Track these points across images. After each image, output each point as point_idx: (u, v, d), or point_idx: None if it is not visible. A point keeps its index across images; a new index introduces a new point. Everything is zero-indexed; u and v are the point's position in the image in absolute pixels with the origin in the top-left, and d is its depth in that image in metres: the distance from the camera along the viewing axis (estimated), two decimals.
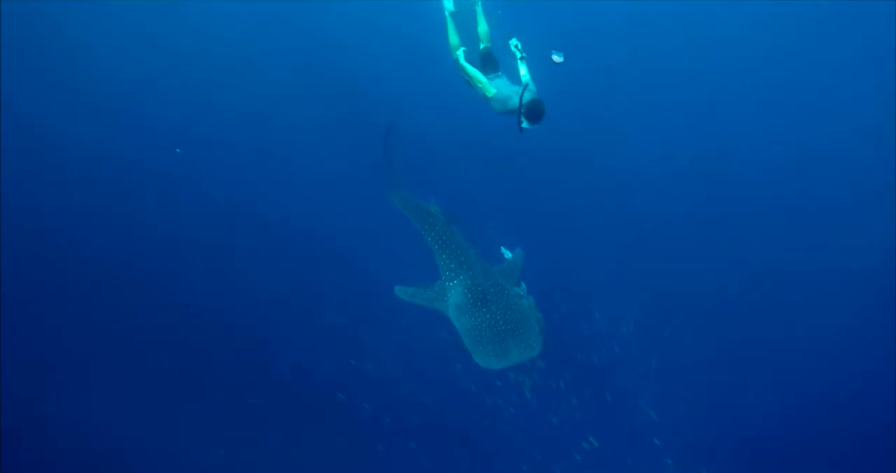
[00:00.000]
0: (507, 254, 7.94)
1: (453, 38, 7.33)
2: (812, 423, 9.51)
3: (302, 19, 11.50)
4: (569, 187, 11.11)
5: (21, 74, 10.29)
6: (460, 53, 6.88)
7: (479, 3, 7.58)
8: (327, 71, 11.59)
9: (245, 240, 10.42)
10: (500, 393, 9.18)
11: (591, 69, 10.30)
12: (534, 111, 6.24)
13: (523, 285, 7.28)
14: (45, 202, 10.21)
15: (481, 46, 7.40)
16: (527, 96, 6.30)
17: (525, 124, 6.32)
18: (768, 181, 11.60)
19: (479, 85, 6.67)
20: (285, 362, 9.77)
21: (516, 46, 6.73)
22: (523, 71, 6.67)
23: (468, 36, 7.26)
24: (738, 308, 10.37)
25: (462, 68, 6.84)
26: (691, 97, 11.79)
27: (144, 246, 10.13)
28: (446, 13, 7.56)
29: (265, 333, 9.76)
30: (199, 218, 10.43)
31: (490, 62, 7.16)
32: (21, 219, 9.69)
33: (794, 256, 10.87)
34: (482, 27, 7.46)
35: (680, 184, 11.39)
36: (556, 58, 6.41)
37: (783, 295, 10.48)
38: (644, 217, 11.01)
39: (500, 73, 7.07)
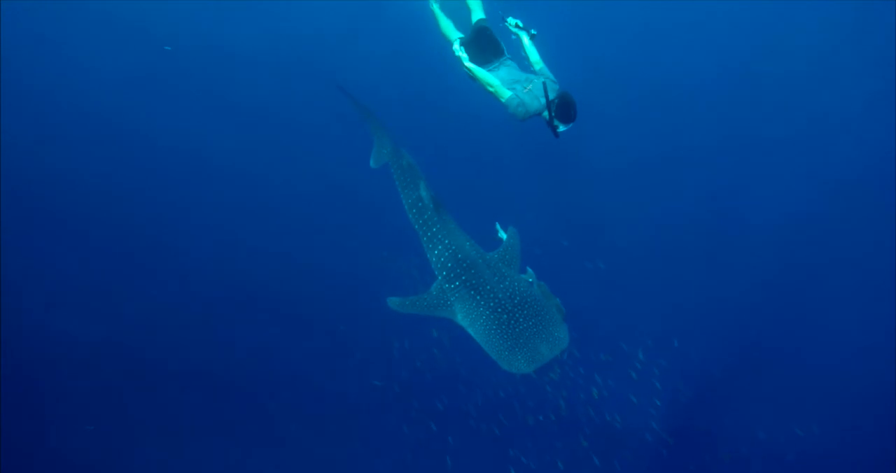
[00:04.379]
0: (502, 234, 6.96)
1: (445, 28, 6.00)
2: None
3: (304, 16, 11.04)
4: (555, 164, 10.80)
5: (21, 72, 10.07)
6: (462, 54, 5.55)
7: None
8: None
9: (240, 241, 10.12)
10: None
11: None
12: (565, 108, 5.10)
13: (530, 270, 6.36)
14: (46, 202, 9.91)
15: (473, 20, 5.95)
16: (551, 93, 5.15)
17: (561, 128, 5.21)
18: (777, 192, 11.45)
19: (491, 89, 5.37)
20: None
21: (517, 26, 5.52)
22: (534, 56, 5.53)
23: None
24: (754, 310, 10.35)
25: (467, 70, 5.52)
26: (702, 96, 11.49)
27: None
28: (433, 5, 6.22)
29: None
30: (201, 218, 10.16)
31: (490, 44, 5.73)
32: (22, 219, 9.49)
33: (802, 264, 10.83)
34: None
35: (681, 179, 11.29)
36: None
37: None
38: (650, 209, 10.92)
39: (506, 58, 5.73)
